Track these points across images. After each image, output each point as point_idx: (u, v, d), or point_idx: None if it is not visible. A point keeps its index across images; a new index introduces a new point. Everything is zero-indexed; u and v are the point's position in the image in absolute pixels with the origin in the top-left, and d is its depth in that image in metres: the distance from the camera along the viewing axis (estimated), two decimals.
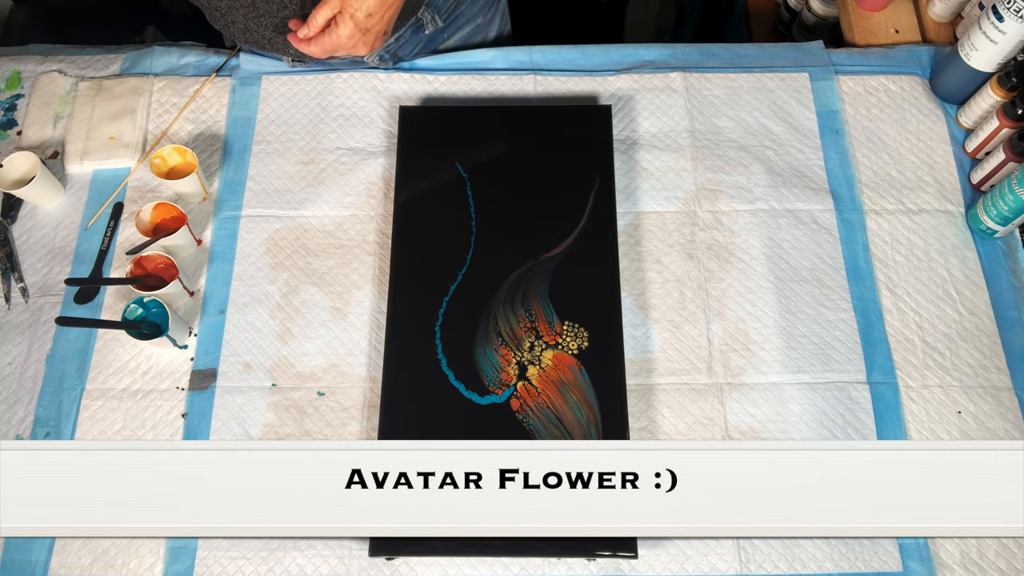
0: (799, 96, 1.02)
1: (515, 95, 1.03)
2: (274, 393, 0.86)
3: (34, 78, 1.04)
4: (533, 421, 0.80)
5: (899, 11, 1.10)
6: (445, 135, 0.95)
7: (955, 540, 0.80)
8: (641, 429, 0.84)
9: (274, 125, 1.00)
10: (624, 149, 0.99)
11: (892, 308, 0.90)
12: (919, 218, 0.95)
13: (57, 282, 0.92)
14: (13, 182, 0.93)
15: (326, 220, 0.95)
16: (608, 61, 1.05)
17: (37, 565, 0.80)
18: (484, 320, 0.85)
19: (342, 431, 0.85)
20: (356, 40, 0.85)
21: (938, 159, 0.98)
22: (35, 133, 1.01)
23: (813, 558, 0.79)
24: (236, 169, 0.98)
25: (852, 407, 0.85)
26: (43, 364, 0.88)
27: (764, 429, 0.84)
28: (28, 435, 0.85)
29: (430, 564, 0.79)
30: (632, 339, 0.88)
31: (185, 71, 1.04)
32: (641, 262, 0.92)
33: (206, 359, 0.88)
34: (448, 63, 1.05)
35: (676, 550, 0.79)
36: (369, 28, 0.84)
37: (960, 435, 0.84)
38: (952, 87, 0.99)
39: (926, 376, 0.87)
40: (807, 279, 0.91)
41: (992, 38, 0.90)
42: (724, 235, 0.94)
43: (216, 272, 0.92)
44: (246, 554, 0.79)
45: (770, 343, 0.88)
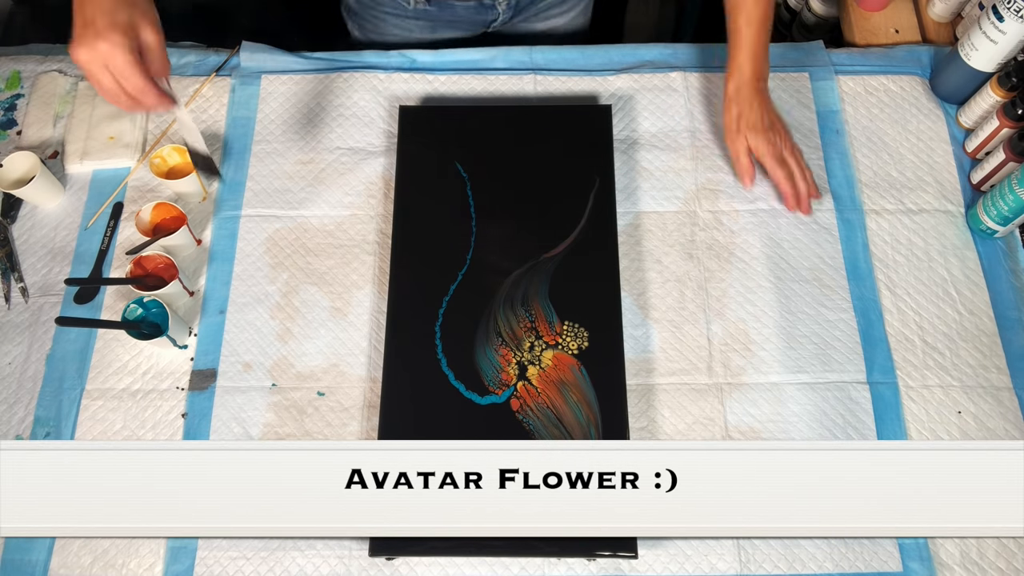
0: (799, 96, 1.02)
1: (515, 95, 1.03)
2: (274, 393, 0.86)
3: (34, 78, 1.04)
4: (533, 421, 0.80)
5: (899, 11, 1.09)
6: (445, 135, 0.95)
7: (955, 540, 0.80)
8: (641, 429, 0.84)
9: (274, 125, 1.00)
10: (624, 149, 0.99)
11: (892, 308, 0.90)
12: (919, 218, 0.95)
13: (57, 282, 0.92)
14: (13, 182, 0.93)
15: (326, 220, 0.95)
16: (608, 61, 1.05)
17: (37, 565, 0.80)
18: (484, 320, 0.85)
19: (342, 431, 0.85)
20: None
21: (938, 159, 0.98)
22: (35, 133, 1.01)
23: (813, 558, 0.79)
24: (236, 169, 0.98)
25: (852, 407, 0.85)
26: (43, 364, 0.88)
27: (764, 429, 0.84)
28: (28, 435, 0.85)
29: (430, 564, 0.79)
30: (632, 339, 0.88)
31: (185, 71, 1.04)
32: (641, 262, 0.92)
33: (206, 359, 0.88)
34: (448, 62, 1.05)
35: (676, 550, 0.79)
36: None
37: (960, 435, 0.84)
38: (952, 87, 0.99)
39: (926, 376, 0.87)
40: (807, 279, 0.91)
41: (992, 38, 0.90)
42: (724, 235, 0.94)
43: (216, 272, 0.92)
44: (246, 554, 0.79)
45: (770, 343, 0.88)
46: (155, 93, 0.69)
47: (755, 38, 0.90)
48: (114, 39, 0.66)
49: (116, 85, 0.68)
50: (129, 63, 0.67)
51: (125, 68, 0.67)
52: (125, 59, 0.66)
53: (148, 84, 0.68)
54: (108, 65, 0.67)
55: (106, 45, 0.65)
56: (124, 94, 0.69)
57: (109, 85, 0.68)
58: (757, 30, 0.89)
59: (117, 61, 0.66)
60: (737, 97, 0.92)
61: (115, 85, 0.68)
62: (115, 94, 0.69)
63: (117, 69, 0.67)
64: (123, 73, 0.67)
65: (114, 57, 0.66)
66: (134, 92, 0.68)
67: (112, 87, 0.68)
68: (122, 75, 0.67)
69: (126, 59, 0.66)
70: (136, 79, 0.67)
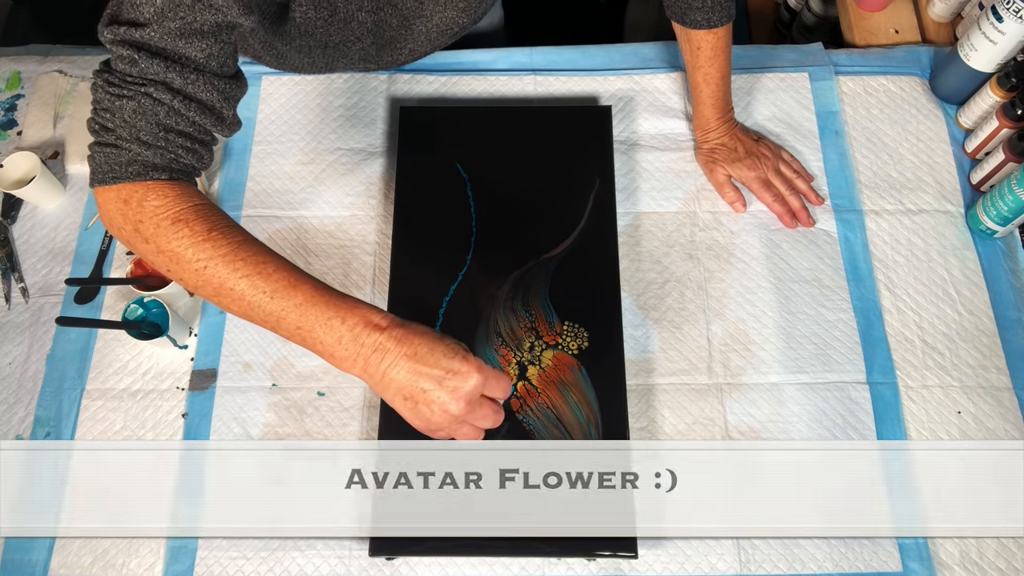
0: (799, 97, 1.02)
1: (515, 96, 1.03)
2: (274, 393, 0.86)
3: (34, 78, 1.04)
4: (533, 421, 0.80)
5: (899, 11, 1.10)
6: (445, 135, 0.95)
7: (955, 540, 0.80)
8: (641, 429, 0.84)
9: (274, 125, 1.00)
10: (624, 149, 0.99)
11: (892, 308, 0.90)
12: (919, 218, 0.95)
13: (57, 282, 0.92)
14: (13, 182, 0.93)
15: (326, 220, 0.95)
16: (608, 61, 1.05)
17: (37, 565, 0.80)
18: (484, 320, 0.85)
19: (342, 431, 0.85)
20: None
21: (938, 159, 0.98)
22: (35, 133, 1.01)
23: (813, 558, 0.79)
24: (236, 169, 0.98)
25: (852, 407, 0.85)
26: (43, 364, 0.88)
27: (764, 429, 0.84)
28: (28, 435, 0.85)
29: (430, 564, 0.79)
30: (632, 339, 0.88)
31: None
32: (641, 262, 0.92)
33: (206, 359, 0.88)
34: (448, 63, 1.05)
35: (676, 550, 0.79)
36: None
37: (960, 435, 0.84)
38: (952, 87, 0.99)
39: (926, 376, 0.87)
40: (807, 279, 0.91)
41: (992, 38, 0.90)
42: (724, 235, 0.94)
43: None
44: (246, 554, 0.79)
45: (770, 343, 0.88)
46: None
47: (715, 92, 0.93)
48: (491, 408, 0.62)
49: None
50: (496, 410, 0.63)
51: (494, 416, 0.63)
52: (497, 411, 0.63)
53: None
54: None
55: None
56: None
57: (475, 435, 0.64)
58: (716, 85, 0.92)
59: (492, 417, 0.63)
60: (707, 138, 0.95)
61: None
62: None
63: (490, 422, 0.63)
64: (492, 421, 0.63)
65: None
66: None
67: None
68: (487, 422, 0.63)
69: (494, 408, 0.63)
70: (498, 418, 0.63)
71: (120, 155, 0.61)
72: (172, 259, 0.61)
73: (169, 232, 0.60)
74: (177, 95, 0.61)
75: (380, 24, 0.83)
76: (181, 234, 0.60)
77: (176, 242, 0.60)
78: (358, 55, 0.86)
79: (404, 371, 0.59)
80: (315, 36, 0.80)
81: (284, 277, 0.60)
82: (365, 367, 0.59)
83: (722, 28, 0.88)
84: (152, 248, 0.61)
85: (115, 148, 0.61)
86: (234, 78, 0.66)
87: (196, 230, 0.60)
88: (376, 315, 0.60)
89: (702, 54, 0.89)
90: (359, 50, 0.84)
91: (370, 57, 0.88)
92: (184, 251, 0.60)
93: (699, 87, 0.93)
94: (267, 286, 0.59)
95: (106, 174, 0.61)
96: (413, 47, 0.89)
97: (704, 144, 0.96)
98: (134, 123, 0.60)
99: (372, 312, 0.60)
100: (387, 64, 0.95)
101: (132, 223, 0.61)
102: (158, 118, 0.61)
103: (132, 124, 0.60)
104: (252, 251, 0.61)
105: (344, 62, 0.90)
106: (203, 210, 0.61)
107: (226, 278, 0.59)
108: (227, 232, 0.61)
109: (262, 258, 0.61)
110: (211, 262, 0.59)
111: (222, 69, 0.64)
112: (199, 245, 0.60)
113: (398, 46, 0.89)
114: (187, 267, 0.60)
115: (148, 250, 0.62)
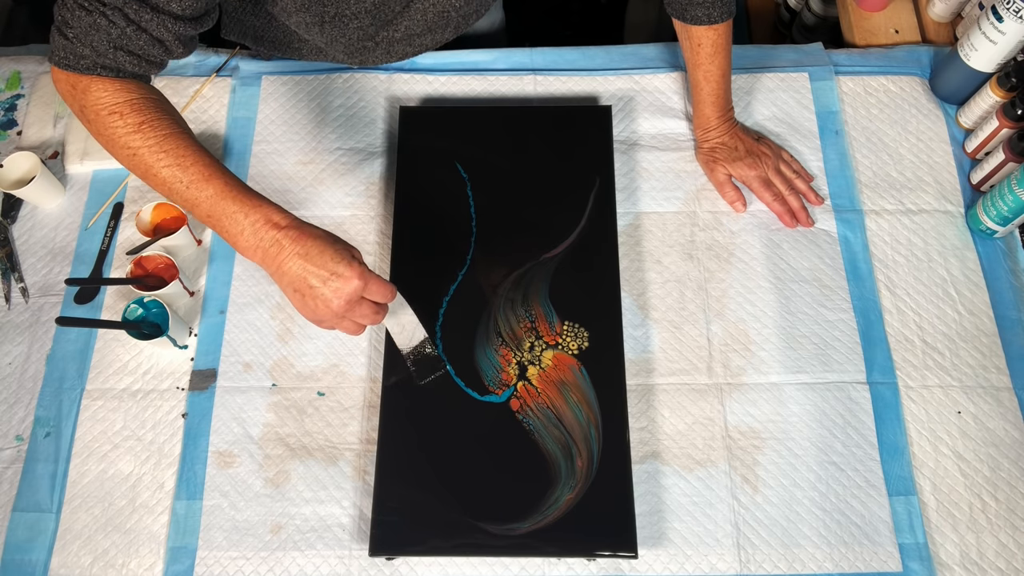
0: (799, 97, 1.02)
1: (515, 95, 1.03)
2: (274, 393, 0.86)
3: (34, 78, 1.04)
4: (533, 421, 0.80)
5: (899, 11, 1.10)
6: (445, 135, 0.95)
7: (954, 540, 0.80)
8: (641, 429, 0.84)
9: (274, 125, 1.00)
10: (624, 149, 0.99)
11: (892, 308, 0.90)
12: (919, 218, 0.95)
13: (57, 282, 0.92)
14: (13, 182, 0.93)
15: (326, 220, 0.95)
16: (608, 61, 1.05)
17: (37, 565, 0.80)
18: (484, 320, 0.85)
19: (342, 431, 0.85)
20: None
21: (938, 159, 0.98)
22: (35, 133, 1.01)
23: (813, 558, 0.79)
24: (236, 169, 0.98)
25: (852, 407, 0.85)
26: (43, 364, 0.88)
27: (764, 429, 0.84)
28: (28, 435, 0.85)
29: (430, 564, 0.79)
30: (632, 339, 0.88)
31: (185, 71, 1.04)
32: (641, 262, 0.92)
33: (206, 359, 0.88)
34: (448, 63, 1.05)
35: (676, 550, 0.79)
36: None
37: (960, 435, 0.84)
38: (952, 87, 0.99)
39: (926, 376, 0.87)
40: (807, 279, 0.91)
41: (992, 38, 0.90)
42: (724, 235, 0.94)
43: (216, 272, 0.92)
44: (246, 554, 0.79)
45: (770, 343, 0.88)
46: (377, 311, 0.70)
47: (715, 90, 0.93)
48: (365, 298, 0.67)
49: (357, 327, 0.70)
50: (375, 311, 0.68)
51: (373, 316, 0.68)
52: (373, 309, 0.68)
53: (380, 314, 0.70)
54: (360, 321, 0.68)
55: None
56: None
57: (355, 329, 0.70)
58: (717, 83, 0.92)
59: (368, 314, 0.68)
60: (708, 137, 0.95)
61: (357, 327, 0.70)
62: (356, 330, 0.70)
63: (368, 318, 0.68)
64: (371, 320, 0.69)
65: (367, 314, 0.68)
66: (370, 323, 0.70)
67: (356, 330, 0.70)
68: (366, 319, 0.69)
69: (374, 309, 0.68)
70: (377, 317, 0.69)
71: (74, 48, 0.67)
72: (107, 142, 0.69)
73: (106, 121, 0.68)
74: (131, 24, 0.66)
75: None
76: (115, 124, 0.68)
77: (111, 130, 0.68)
78: (356, 34, 0.87)
79: (296, 267, 0.65)
80: (311, 11, 0.82)
81: (200, 171, 0.67)
82: (264, 258, 0.66)
83: (723, 24, 0.88)
84: (92, 129, 0.70)
85: (70, 43, 0.67)
86: (195, 20, 0.70)
87: (128, 122, 0.67)
88: (277, 214, 0.66)
89: (703, 51, 0.89)
90: (357, 28, 0.85)
91: (368, 35, 0.89)
92: (118, 139, 0.68)
93: (699, 85, 0.92)
94: (184, 177, 0.67)
95: (60, 60, 0.67)
96: (409, 25, 0.90)
97: (704, 143, 0.96)
98: (88, 34, 0.66)
99: (274, 211, 0.67)
100: (383, 50, 0.95)
101: (78, 105, 0.70)
102: (110, 37, 0.66)
103: (87, 34, 0.66)
104: (175, 144, 0.67)
105: (343, 43, 0.90)
106: (138, 104, 0.68)
107: (151, 165, 0.67)
108: (156, 125, 0.68)
109: (183, 151, 0.67)
110: (139, 151, 0.67)
111: (184, 11, 0.68)
112: (130, 135, 0.67)
113: (395, 25, 0.90)
114: (119, 152, 0.69)
115: (90, 129, 0.70)
